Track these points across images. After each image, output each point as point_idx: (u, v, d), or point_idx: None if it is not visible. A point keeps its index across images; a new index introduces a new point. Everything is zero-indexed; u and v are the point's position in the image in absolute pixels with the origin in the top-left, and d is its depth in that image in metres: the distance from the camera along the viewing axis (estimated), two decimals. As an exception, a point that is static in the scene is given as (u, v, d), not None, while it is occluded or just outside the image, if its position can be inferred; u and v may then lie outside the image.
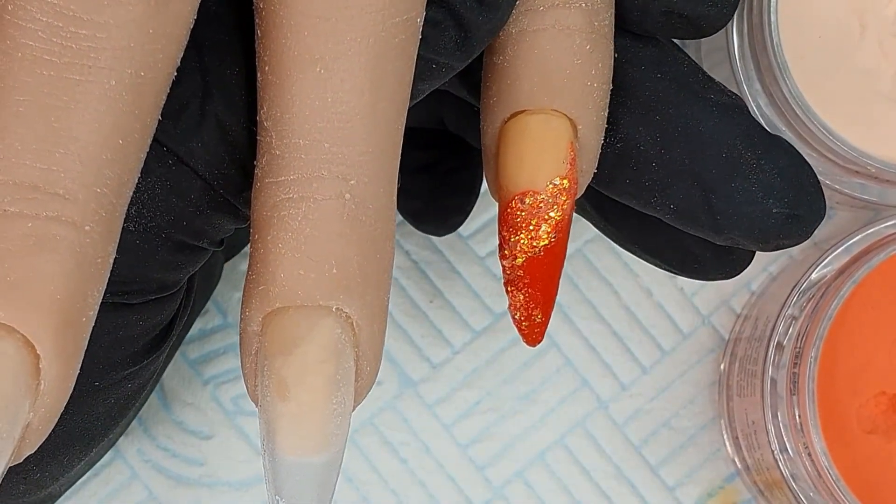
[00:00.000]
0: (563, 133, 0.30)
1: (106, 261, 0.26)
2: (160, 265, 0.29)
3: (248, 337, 0.27)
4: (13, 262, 0.24)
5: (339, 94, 0.27)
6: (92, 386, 0.30)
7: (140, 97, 0.25)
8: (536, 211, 0.31)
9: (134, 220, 0.28)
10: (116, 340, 0.30)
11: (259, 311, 0.27)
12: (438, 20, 0.28)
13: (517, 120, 0.31)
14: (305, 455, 0.26)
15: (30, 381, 0.24)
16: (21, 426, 0.25)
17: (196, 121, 0.28)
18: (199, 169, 0.28)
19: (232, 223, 0.30)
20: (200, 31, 0.28)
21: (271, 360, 0.26)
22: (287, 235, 0.27)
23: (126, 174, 0.26)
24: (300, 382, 0.26)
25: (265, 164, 0.27)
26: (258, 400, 0.27)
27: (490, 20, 0.29)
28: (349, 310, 0.27)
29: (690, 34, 0.33)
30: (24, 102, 0.25)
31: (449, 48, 0.29)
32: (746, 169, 0.31)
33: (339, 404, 0.26)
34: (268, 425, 0.26)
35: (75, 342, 0.25)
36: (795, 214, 0.32)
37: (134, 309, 0.30)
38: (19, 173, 0.25)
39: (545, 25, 0.30)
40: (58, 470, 0.32)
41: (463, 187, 0.41)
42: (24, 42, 0.25)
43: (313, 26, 0.26)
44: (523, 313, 0.33)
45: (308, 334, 0.26)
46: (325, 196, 0.27)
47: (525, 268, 0.32)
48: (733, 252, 0.34)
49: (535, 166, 0.30)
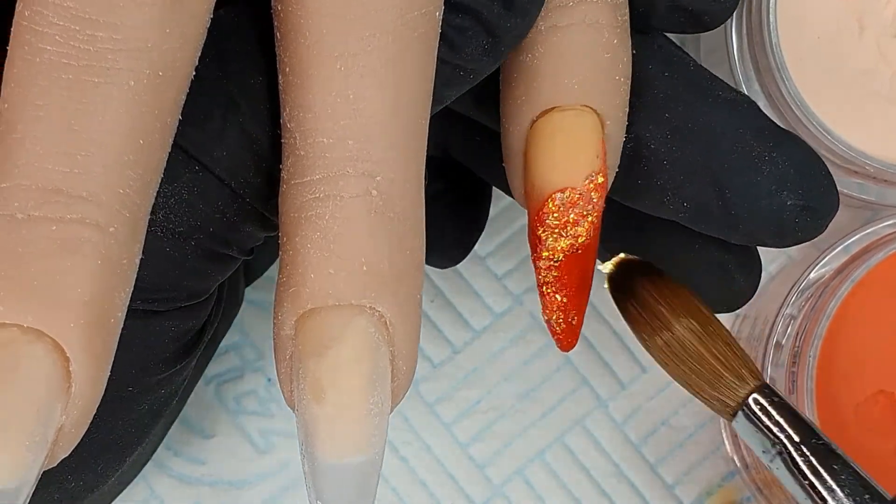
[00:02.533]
0: (595, 128, 0.30)
1: (132, 262, 0.26)
2: (190, 273, 0.29)
3: (282, 341, 0.27)
4: (39, 265, 0.24)
5: (361, 90, 0.26)
6: (126, 391, 0.30)
7: (159, 97, 0.25)
8: (574, 208, 0.31)
9: (162, 224, 0.28)
10: (148, 345, 0.30)
11: (291, 314, 0.27)
12: (466, 27, 0.28)
13: (548, 117, 0.30)
14: (344, 457, 0.26)
15: (61, 384, 0.24)
16: (54, 429, 0.24)
17: (220, 130, 0.28)
18: (225, 177, 0.28)
19: (260, 231, 0.30)
20: (223, 43, 0.28)
21: (305, 362, 0.26)
22: (316, 235, 0.26)
23: (149, 174, 0.26)
24: (335, 383, 0.26)
25: (290, 166, 0.27)
26: (294, 404, 0.27)
27: (519, 25, 0.29)
28: (382, 308, 0.26)
29: (693, 28, 0.32)
30: (45, 107, 0.25)
31: (476, 54, 0.29)
32: (760, 163, 0.31)
33: (375, 404, 0.26)
34: (305, 429, 0.26)
35: (104, 344, 0.25)
36: (810, 206, 0.32)
37: (165, 316, 0.30)
38: (42, 177, 0.25)
39: (575, 21, 0.30)
40: (93, 479, 0.32)
41: (467, 221, 0.40)
42: (42, 47, 0.25)
43: (331, 24, 0.26)
44: (561, 315, 0.32)
45: (341, 334, 0.26)
46: (351, 194, 0.26)
47: (564, 267, 0.31)
48: (734, 284, 0.34)
49: (572, 163, 0.30)
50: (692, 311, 0.29)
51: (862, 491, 0.29)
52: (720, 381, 0.29)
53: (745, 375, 0.29)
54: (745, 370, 0.29)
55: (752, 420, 0.30)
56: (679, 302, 0.29)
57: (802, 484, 0.29)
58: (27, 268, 0.24)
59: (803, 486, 0.29)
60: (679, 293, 0.29)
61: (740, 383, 0.29)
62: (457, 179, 0.39)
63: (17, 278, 0.24)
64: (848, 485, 0.29)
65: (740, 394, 0.29)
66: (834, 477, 0.29)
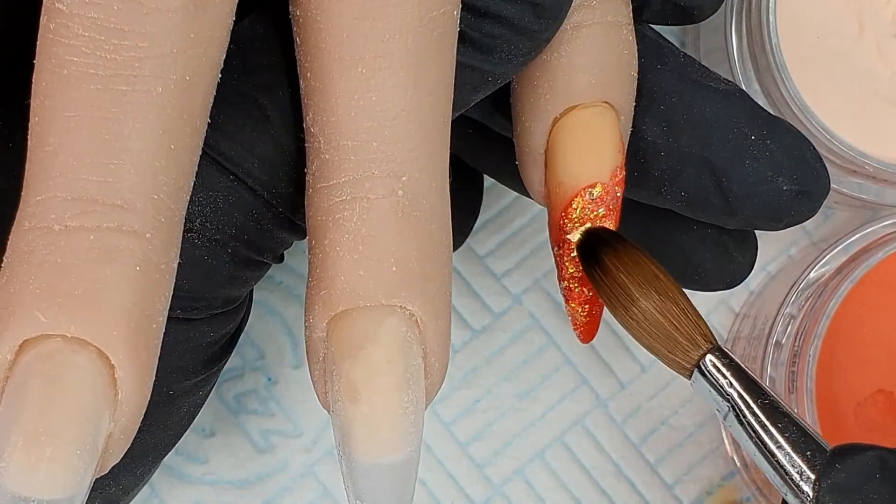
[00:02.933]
0: (615, 123, 0.31)
1: (170, 266, 0.26)
2: (226, 280, 0.29)
3: (314, 344, 0.27)
4: (79, 275, 0.24)
5: (383, 92, 0.26)
6: (167, 395, 0.30)
7: (187, 101, 0.26)
8: (602, 202, 0.31)
9: (199, 232, 0.28)
10: (187, 349, 0.30)
11: (323, 317, 0.27)
12: (497, 34, 0.28)
13: (573, 114, 0.31)
14: (382, 456, 0.26)
15: (107, 391, 0.24)
16: (104, 437, 0.25)
17: (252, 141, 0.28)
18: (258, 188, 0.28)
19: (293, 237, 0.30)
20: (250, 55, 0.28)
21: (339, 364, 0.26)
22: (344, 238, 0.27)
23: (181, 178, 0.26)
24: (369, 383, 0.26)
25: (316, 170, 0.27)
26: (329, 406, 0.27)
27: (548, 29, 0.29)
28: (412, 307, 0.27)
29: (682, 20, 0.33)
30: (75, 118, 0.25)
31: (505, 60, 0.29)
32: (754, 150, 0.32)
33: (410, 402, 0.26)
34: (342, 430, 0.26)
35: (148, 350, 0.25)
36: (805, 190, 0.33)
37: (203, 322, 0.30)
38: (77, 188, 0.25)
39: (598, 19, 0.31)
40: (131, 482, 0.32)
41: (463, 208, 0.41)
42: (69, 59, 0.25)
43: (351, 27, 0.26)
44: (587, 309, 0.33)
45: (374, 335, 0.26)
46: (378, 195, 0.27)
47: None
48: (733, 262, 0.34)
49: (599, 158, 0.31)
50: (652, 279, 0.31)
51: (804, 447, 0.31)
52: (676, 346, 0.32)
53: (699, 340, 0.32)
54: (699, 335, 0.32)
55: (707, 380, 0.32)
56: (640, 271, 0.31)
57: (753, 439, 0.31)
58: (67, 278, 0.24)
59: (753, 441, 0.31)
60: (640, 262, 0.31)
61: (693, 347, 0.32)
62: (451, 167, 0.39)
63: (58, 289, 0.24)
64: (793, 440, 0.31)
65: (694, 356, 0.32)
66: (781, 432, 0.31)
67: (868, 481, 0.31)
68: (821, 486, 0.31)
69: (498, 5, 0.28)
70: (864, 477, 0.31)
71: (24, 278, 0.24)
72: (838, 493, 0.30)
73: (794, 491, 0.31)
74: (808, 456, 0.31)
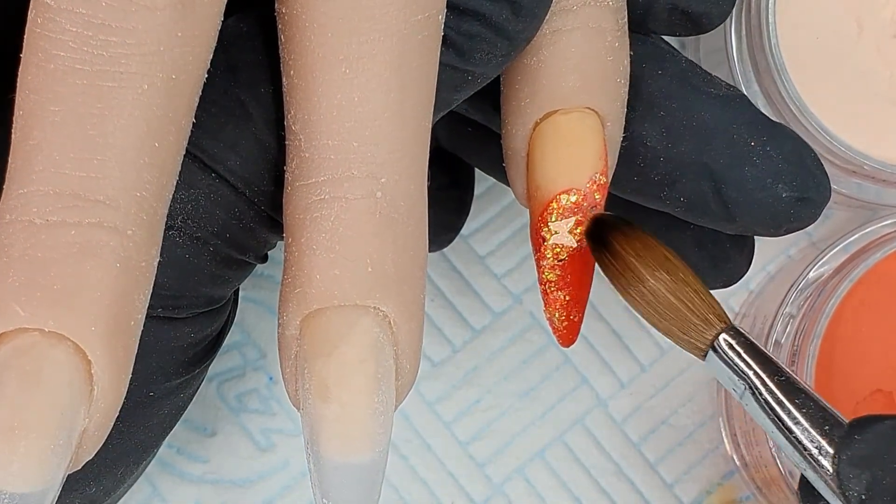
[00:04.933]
0: (597, 130, 0.31)
1: (150, 264, 0.26)
2: (208, 279, 0.29)
3: (287, 341, 0.27)
4: (59, 270, 0.24)
5: (366, 93, 0.27)
6: (147, 396, 0.30)
7: (173, 100, 0.26)
8: (578, 208, 0.31)
9: (180, 229, 0.28)
10: (169, 350, 0.30)
11: (297, 315, 0.27)
12: (474, 33, 0.28)
13: (552, 119, 0.31)
14: (350, 456, 0.26)
15: (83, 387, 0.24)
16: (78, 432, 0.25)
17: (234, 139, 0.28)
18: (240, 186, 0.29)
19: (276, 237, 0.30)
20: (232, 52, 0.28)
21: (311, 362, 0.26)
22: (321, 237, 0.27)
23: (164, 177, 0.26)
24: (341, 383, 0.26)
25: (295, 168, 0.27)
26: (300, 404, 0.27)
27: (527, 28, 0.29)
28: (386, 308, 0.27)
29: (690, 31, 0.33)
30: (60, 112, 0.25)
31: (485, 59, 0.29)
32: (753, 156, 0.32)
33: (381, 403, 0.26)
34: (311, 428, 0.26)
35: (125, 346, 0.25)
36: (804, 197, 0.32)
37: (185, 322, 0.30)
38: (60, 182, 0.25)
39: (579, 24, 0.30)
40: (112, 484, 0.32)
41: (454, 205, 0.41)
42: (56, 53, 0.25)
43: (336, 27, 0.26)
44: (563, 313, 0.33)
45: (347, 334, 0.26)
46: (356, 195, 0.27)
47: (567, 266, 0.32)
48: (730, 260, 0.34)
49: (577, 164, 0.31)
50: (662, 261, 0.31)
51: (822, 422, 0.31)
52: (689, 326, 0.31)
53: (712, 319, 0.31)
54: (712, 314, 0.31)
55: (721, 359, 0.32)
56: (650, 254, 0.31)
57: (770, 416, 0.31)
58: (47, 272, 0.24)
59: (771, 418, 0.31)
60: (650, 245, 0.31)
61: (707, 326, 0.31)
62: (441, 165, 0.40)
63: (38, 283, 0.24)
64: (811, 415, 0.31)
65: (708, 336, 0.31)
66: (798, 409, 0.31)
67: (888, 451, 0.30)
68: (840, 459, 0.30)
69: (476, 2, 0.28)
70: (883, 446, 0.30)
71: (4, 271, 0.24)
72: (858, 465, 0.30)
73: (814, 466, 0.31)
74: (826, 430, 0.31)
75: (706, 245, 0.34)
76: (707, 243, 0.34)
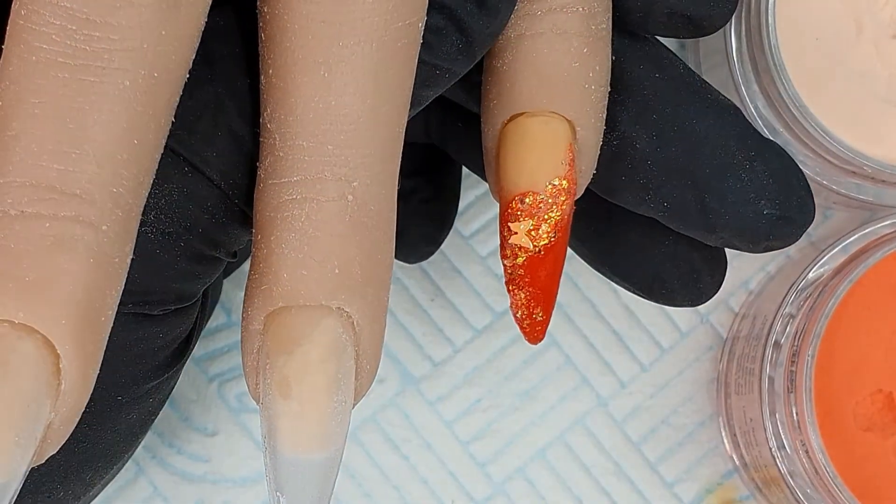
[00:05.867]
0: (561, 135, 0.31)
1: (123, 261, 0.26)
2: (179, 274, 0.29)
3: (250, 335, 0.27)
4: (31, 262, 0.24)
5: (343, 97, 0.27)
6: (115, 401, 0.30)
7: (154, 98, 0.26)
8: (536, 211, 0.31)
9: (152, 225, 0.28)
10: (139, 354, 0.30)
11: (261, 310, 0.27)
12: (440, 26, 0.29)
13: (517, 122, 0.31)
14: (306, 452, 0.26)
15: (50, 380, 0.24)
16: (43, 426, 0.25)
17: (210, 131, 0.28)
18: (215, 178, 0.29)
19: (247, 234, 0.30)
20: (210, 45, 0.28)
21: (273, 358, 0.27)
22: (290, 236, 0.27)
23: (142, 174, 0.26)
24: (302, 381, 0.26)
25: (268, 166, 0.27)
26: (259, 398, 0.27)
27: (490, 24, 0.29)
28: (350, 309, 0.27)
29: (691, 34, 0.33)
30: (40, 105, 0.25)
31: (452, 53, 0.29)
32: (739, 169, 0.32)
33: (339, 402, 0.27)
34: (269, 423, 0.27)
35: (94, 342, 0.25)
36: (786, 216, 0.32)
37: (154, 321, 0.30)
38: (36, 174, 0.25)
39: (543, 29, 0.31)
40: (80, 488, 0.32)
41: (437, 218, 0.41)
42: (39, 46, 0.25)
43: (317, 30, 0.27)
44: (525, 311, 0.33)
45: (310, 333, 0.27)
46: (328, 197, 0.27)
47: (526, 267, 0.32)
48: (700, 281, 0.34)
49: (535, 167, 0.31)
50: None
51: None
52: None
53: None
54: None
55: None
56: None
57: None
58: (19, 264, 0.24)
59: None
60: None
61: None
62: (426, 177, 0.40)
63: (9, 274, 0.24)
64: None
65: None
66: None
67: None
68: None
69: None
70: None
71: None
72: None
73: None
74: None
75: (680, 262, 0.34)
76: (681, 261, 0.34)
